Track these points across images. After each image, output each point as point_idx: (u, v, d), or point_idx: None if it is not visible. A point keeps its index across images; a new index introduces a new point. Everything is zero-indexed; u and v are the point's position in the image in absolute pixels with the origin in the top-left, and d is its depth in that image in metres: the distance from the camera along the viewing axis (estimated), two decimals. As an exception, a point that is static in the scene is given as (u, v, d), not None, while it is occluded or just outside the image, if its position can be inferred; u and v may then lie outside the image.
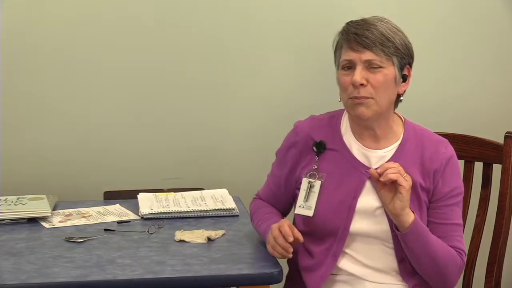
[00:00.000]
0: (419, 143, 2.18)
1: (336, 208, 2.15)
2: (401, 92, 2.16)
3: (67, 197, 2.77)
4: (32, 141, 2.86)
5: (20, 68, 2.82)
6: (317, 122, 2.24)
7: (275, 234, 2.09)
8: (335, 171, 2.18)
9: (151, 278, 2.03)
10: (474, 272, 2.49)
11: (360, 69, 2.08)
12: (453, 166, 2.18)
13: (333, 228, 2.15)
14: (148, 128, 2.92)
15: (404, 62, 2.13)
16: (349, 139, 2.19)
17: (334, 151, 2.19)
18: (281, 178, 2.27)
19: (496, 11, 3.03)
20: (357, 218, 2.14)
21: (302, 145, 2.22)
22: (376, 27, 2.09)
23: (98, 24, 2.83)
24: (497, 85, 3.08)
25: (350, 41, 2.09)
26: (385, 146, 2.18)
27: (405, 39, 2.13)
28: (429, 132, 2.23)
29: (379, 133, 2.17)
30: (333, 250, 2.16)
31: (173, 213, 2.53)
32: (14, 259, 2.14)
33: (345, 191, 2.15)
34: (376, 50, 2.07)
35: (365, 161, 2.17)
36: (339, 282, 2.18)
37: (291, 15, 2.90)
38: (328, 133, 2.21)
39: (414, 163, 2.15)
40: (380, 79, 2.08)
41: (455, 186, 2.17)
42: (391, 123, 2.18)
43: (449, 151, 2.18)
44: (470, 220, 2.51)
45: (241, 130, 2.95)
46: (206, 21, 2.88)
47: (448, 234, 2.14)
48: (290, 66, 2.94)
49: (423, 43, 3.01)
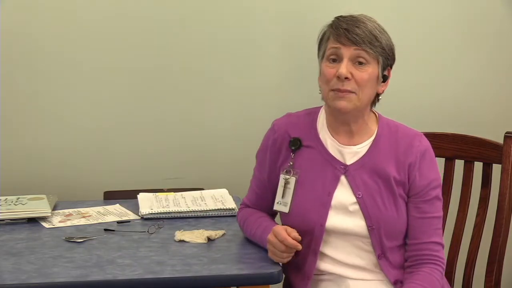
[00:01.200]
0: (393, 138, 2.19)
1: (312, 204, 2.16)
2: (380, 92, 2.17)
3: (67, 197, 2.77)
4: (32, 141, 2.87)
5: (20, 68, 2.82)
6: (294, 119, 2.26)
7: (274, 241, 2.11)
8: (310, 167, 2.19)
9: (151, 278, 2.03)
10: (474, 272, 2.49)
11: (346, 61, 2.09)
12: (429, 159, 2.18)
13: (310, 224, 2.16)
14: (148, 128, 2.92)
15: (387, 63, 2.15)
16: (325, 135, 2.21)
17: (310, 147, 2.21)
18: (264, 179, 2.28)
19: (496, 11, 3.02)
20: (333, 214, 2.15)
21: (279, 142, 2.23)
22: (366, 25, 2.11)
23: (99, 24, 2.83)
24: (497, 85, 3.08)
25: (339, 35, 2.10)
26: (360, 142, 2.19)
27: (390, 40, 2.15)
28: (403, 127, 2.23)
29: (354, 129, 2.18)
30: (312, 247, 2.17)
31: (173, 213, 2.53)
32: (14, 259, 2.14)
33: (320, 187, 2.17)
34: (365, 47, 2.09)
35: (339, 157, 2.18)
36: (324, 281, 2.19)
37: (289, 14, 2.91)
38: (304, 130, 2.23)
39: (389, 158, 2.16)
40: (365, 76, 2.10)
41: (433, 179, 2.17)
42: (367, 120, 2.19)
43: (423, 144, 2.19)
44: (470, 220, 2.51)
45: (242, 130, 2.95)
46: (206, 21, 2.88)
47: (428, 228, 2.15)
48: (290, 65, 2.94)
49: (423, 42, 3.03)
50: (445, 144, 2.57)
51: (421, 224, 2.15)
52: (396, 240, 2.16)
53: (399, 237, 2.17)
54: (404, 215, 2.17)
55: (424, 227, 2.14)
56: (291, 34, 2.93)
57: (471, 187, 2.53)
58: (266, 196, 2.28)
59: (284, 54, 2.94)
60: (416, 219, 2.16)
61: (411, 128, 2.23)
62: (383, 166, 2.14)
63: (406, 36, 2.98)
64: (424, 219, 2.15)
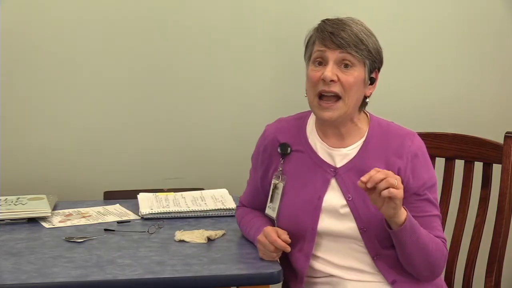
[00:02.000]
0: (384, 138, 2.17)
1: (302, 208, 2.16)
2: (368, 95, 2.16)
3: (67, 197, 2.77)
4: (32, 141, 2.86)
5: (20, 69, 2.82)
6: (284, 124, 2.26)
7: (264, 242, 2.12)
8: (300, 172, 2.19)
9: (151, 278, 2.03)
10: (474, 272, 2.49)
11: (332, 64, 2.08)
12: (422, 159, 2.16)
13: (301, 228, 2.16)
14: (148, 128, 2.92)
15: (374, 66, 2.14)
16: (314, 139, 2.20)
17: (300, 152, 2.21)
18: (257, 182, 2.29)
19: (496, 11, 3.02)
20: (324, 217, 2.15)
21: (270, 148, 2.24)
22: (352, 28, 2.10)
23: (99, 25, 2.83)
24: (497, 85, 3.08)
25: (325, 39, 2.09)
26: (350, 144, 2.18)
27: (377, 43, 2.14)
28: (395, 126, 2.22)
29: (344, 132, 2.17)
30: (304, 251, 2.16)
31: (173, 213, 2.53)
32: (14, 259, 2.14)
33: (311, 191, 2.16)
34: (350, 51, 2.08)
35: (329, 160, 2.18)
36: (320, 284, 2.18)
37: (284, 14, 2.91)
38: (293, 135, 2.23)
39: (379, 159, 2.15)
40: (350, 80, 2.09)
41: (428, 178, 2.16)
42: (356, 121, 2.18)
43: (415, 144, 2.17)
44: (470, 220, 2.51)
45: (241, 130, 2.95)
46: (206, 23, 2.88)
47: (428, 226, 2.14)
48: (290, 65, 2.94)
49: (423, 42, 3.03)
50: (445, 144, 2.57)
51: (421, 223, 2.13)
52: (390, 240, 2.14)
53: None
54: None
55: (424, 224, 2.13)
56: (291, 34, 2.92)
57: (471, 187, 2.53)
58: (259, 198, 2.30)
59: (283, 54, 2.94)
60: (415, 218, 2.14)
61: (404, 127, 2.22)
62: (374, 167, 2.12)
63: (406, 36, 2.99)
64: (423, 217, 2.14)
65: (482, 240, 2.48)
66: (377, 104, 2.24)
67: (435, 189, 2.19)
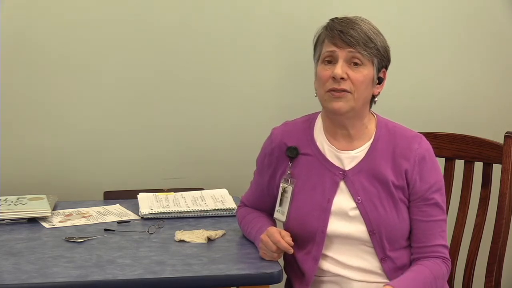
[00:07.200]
0: (391, 140, 2.18)
1: (311, 211, 2.16)
2: (376, 94, 2.17)
3: (67, 197, 2.77)
4: (32, 141, 2.86)
5: (20, 69, 2.82)
6: (291, 127, 2.26)
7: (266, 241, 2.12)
8: (309, 175, 2.19)
9: (151, 278, 2.03)
10: (474, 272, 2.49)
11: (342, 62, 2.09)
12: (429, 162, 2.17)
13: (310, 231, 2.16)
14: (148, 128, 2.92)
15: (382, 64, 2.15)
16: (322, 142, 2.20)
17: (308, 155, 2.20)
18: (263, 185, 2.29)
19: (496, 11, 3.02)
20: (333, 220, 2.15)
21: (277, 151, 2.24)
22: (361, 26, 2.10)
23: (99, 25, 2.83)
24: (497, 85, 3.08)
25: (334, 38, 2.10)
26: (358, 146, 2.18)
27: (385, 42, 2.15)
28: (402, 128, 2.22)
29: (353, 133, 2.17)
30: (313, 253, 2.16)
31: (173, 213, 2.53)
32: (14, 259, 2.14)
33: (320, 194, 2.16)
34: (359, 49, 2.08)
35: (337, 162, 2.18)
36: (327, 283, 2.18)
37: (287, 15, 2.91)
38: (301, 138, 2.22)
39: (386, 161, 2.15)
40: (360, 78, 2.09)
41: (435, 181, 2.16)
42: (366, 122, 2.19)
43: (423, 147, 2.17)
44: (470, 220, 2.51)
45: (241, 130, 2.95)
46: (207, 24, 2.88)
47: (433, 231, 2.15)
48: (290, 66, 2.94)
49: (423, 42, 3.03)
50: (445, 144, 2.57)
51: (425, 228, 2.14)
52: (399, 243, 2.15)
53: (401, 241, 2.16)
54: (406, 218, 2.16)
55: (428, 230, 2.14)
56: (292, 34, 2.93)
57: (471, 187, 2.53)
58: (263, 200, 2.30)
59: (284, 55, 2.94)
60: (420, 222, 2.15)
61: (411, 129, 2.22)
62: (381, 170, 2.13)
63: (405, 36, 2.99)
64: (428, 222, 2.15)
65: (482, 240, 2.48)
66: (377, 104, 2.24)
67: (443, 192, 2.19)
